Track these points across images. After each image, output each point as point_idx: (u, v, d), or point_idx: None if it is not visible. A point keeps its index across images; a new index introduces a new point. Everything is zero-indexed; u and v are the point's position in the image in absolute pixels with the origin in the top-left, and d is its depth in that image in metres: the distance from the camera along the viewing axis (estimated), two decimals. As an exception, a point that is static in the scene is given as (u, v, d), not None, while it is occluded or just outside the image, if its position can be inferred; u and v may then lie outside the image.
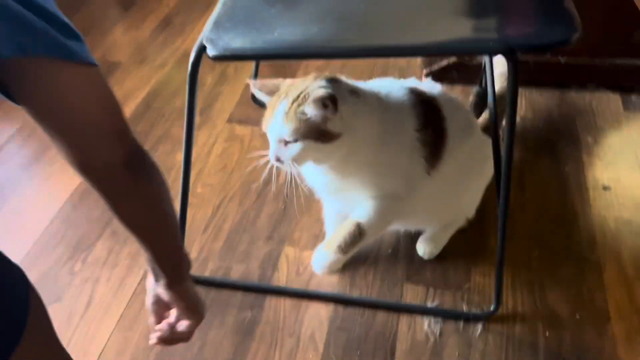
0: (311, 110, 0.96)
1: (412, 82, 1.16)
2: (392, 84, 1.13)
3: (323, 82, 1.01)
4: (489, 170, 1.23)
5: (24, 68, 0.54)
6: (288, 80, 1.05)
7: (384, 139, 1.06)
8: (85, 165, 0.61)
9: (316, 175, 1.11)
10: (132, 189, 0.65)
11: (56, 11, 0.56)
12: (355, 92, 1.04)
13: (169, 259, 0.77)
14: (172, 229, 0.76)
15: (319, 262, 1.17)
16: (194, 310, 0.83)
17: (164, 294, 0.79)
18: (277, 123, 0.99)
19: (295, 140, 0.98)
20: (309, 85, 1.00)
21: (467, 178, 1.21)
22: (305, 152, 0.99)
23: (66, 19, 0.57)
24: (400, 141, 1.08)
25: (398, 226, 1.32)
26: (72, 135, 0.59)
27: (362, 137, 1.03)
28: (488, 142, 1.10)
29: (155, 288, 0.79)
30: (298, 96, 0.98)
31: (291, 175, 1.03)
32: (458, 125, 1.14)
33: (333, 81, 1.03)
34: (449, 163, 1.13)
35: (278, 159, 1.01)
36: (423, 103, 1.10)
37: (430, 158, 1.10)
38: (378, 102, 1.07)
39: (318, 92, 0.96)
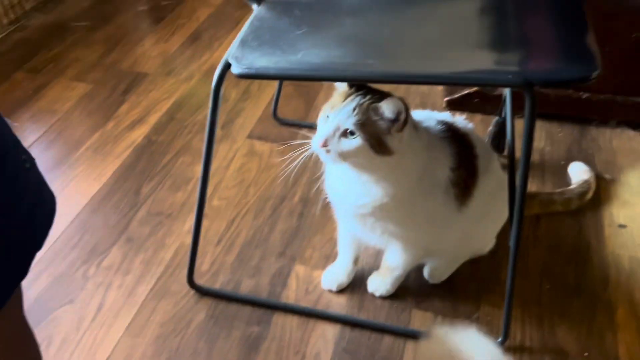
0: (385, 109, 0.96)
1: (446, 116, 1.16)
2: (429, 117, 1.13)
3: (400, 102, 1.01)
4: (506, 212, 1.23)
5: None
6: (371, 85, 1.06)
7: (423, 179, 1.07)
8: None
9: (346, 195, 1.10)
10: None
11: None
12: (416, 126, 1.05)
13: None
14: None
15: (377, 287, 1.28)
16: None
17: None
18: (347, 110, 0.98)
19: (354, 135, 0.98)
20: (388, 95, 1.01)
21: (485, 218, 1.20)
22: (357, 151, 0.98)
23: None
24: (436, 181, 1.09)
25: None
26: None
27: (407, 168, 1.04)
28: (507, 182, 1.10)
29: None
30: (378, 98, 0.99)
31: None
32: (485, 165, 1.14)
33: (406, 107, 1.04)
34: (475, 202, 1.13)
35: (325, 145, 0.99)
36: (459, 140, 1.11)
37: (461, 196, 1.11)
38: (427, 139, 1.07)
39: (398, 100, 0.97)
